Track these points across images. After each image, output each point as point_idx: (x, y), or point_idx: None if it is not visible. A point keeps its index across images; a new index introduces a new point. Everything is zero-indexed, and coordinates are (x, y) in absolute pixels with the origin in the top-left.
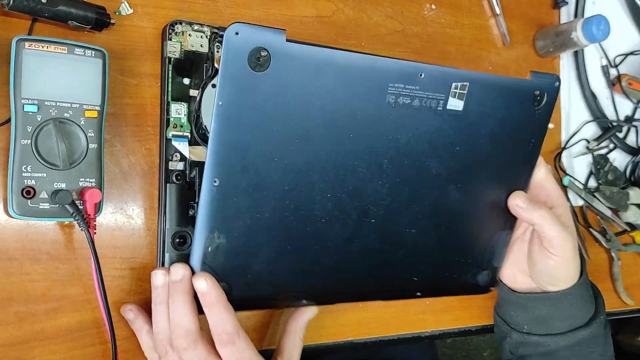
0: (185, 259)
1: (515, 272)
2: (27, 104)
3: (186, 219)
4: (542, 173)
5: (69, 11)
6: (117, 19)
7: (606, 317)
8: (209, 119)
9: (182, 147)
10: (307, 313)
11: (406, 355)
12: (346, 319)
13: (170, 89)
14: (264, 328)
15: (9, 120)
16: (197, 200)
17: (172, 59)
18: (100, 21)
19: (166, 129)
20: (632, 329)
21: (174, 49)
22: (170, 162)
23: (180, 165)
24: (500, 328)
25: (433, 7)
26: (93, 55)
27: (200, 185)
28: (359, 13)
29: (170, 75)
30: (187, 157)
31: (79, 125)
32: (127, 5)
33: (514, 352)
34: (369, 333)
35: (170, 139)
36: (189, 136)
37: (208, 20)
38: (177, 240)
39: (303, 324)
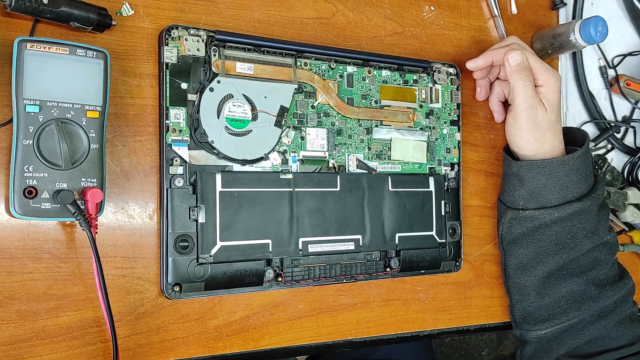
0: (188, 262)
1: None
2: (29, 104)
3: (188, 223)
4: (517, 58)
5: (70, 12)
6: (118, 20)
7: (605, 202)
8: (207, 123)
9: (182, 151)
10: None
11: (404, 354)
12: (345, 318)
13: (168, 94)
14: (263, 327)
15: (10, 121)
16: (197, 204)
17: (169, 64)
18: (102, 22)
19: (165, 134)
20: None
21: (170, 54)
22: (170, 167)
23: (180, 170)
24: (499, 211)
25: (432, 8)
26: (94, 56)
27: (200, 189)
28: (358, 15)
29: (167, 80)
30: (187, 161)
31: (80, 126)
32: (128, 6)
33: (507, 233)
34: (367, 332)
35: (170, 144)
36: (189, 141)
37: (209, 22)
38: (180, 244)
39: None
